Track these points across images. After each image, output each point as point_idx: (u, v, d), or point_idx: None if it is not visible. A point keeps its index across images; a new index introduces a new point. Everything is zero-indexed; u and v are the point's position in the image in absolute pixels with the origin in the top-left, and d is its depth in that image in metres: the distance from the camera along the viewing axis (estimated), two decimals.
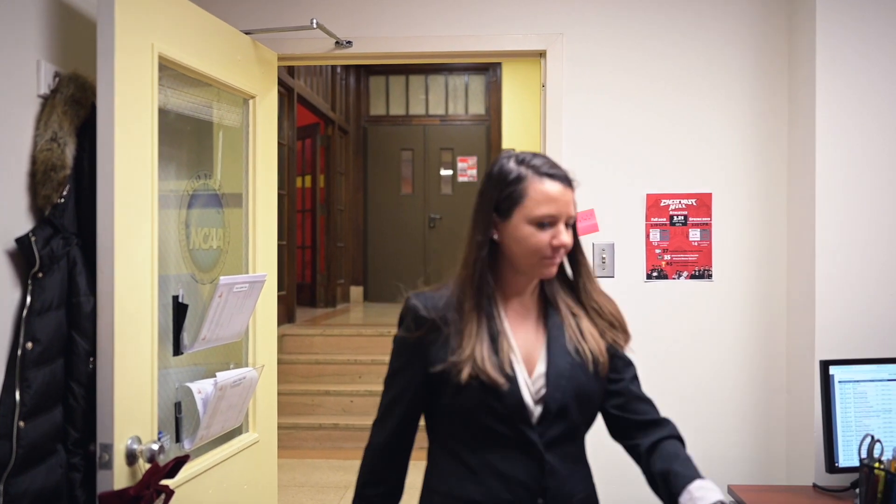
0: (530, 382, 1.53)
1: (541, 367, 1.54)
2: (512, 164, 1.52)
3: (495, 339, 1.52)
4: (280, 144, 6.60)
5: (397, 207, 9.02)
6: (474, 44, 2.91)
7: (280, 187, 6.65)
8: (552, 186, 1.49)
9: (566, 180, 1.52)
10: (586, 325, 1.58)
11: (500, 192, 1.52)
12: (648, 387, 3.06)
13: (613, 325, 1.61)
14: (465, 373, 1.47)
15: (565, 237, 1.50)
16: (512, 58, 3.07)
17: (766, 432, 2.89)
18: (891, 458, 2.18)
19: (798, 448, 2.76)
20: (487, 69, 8.87)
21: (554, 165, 1.52)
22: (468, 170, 8.89)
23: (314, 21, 2.71)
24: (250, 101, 2.62)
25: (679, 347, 2.90)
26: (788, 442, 2.85)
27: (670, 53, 2.91)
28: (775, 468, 2.88)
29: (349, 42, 2.92)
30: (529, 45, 2.90)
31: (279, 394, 2.99)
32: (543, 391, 1.52)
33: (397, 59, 3.09)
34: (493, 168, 1.56)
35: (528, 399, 1.51)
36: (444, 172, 8.98)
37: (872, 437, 2.22)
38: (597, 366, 1.55)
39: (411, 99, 9.11)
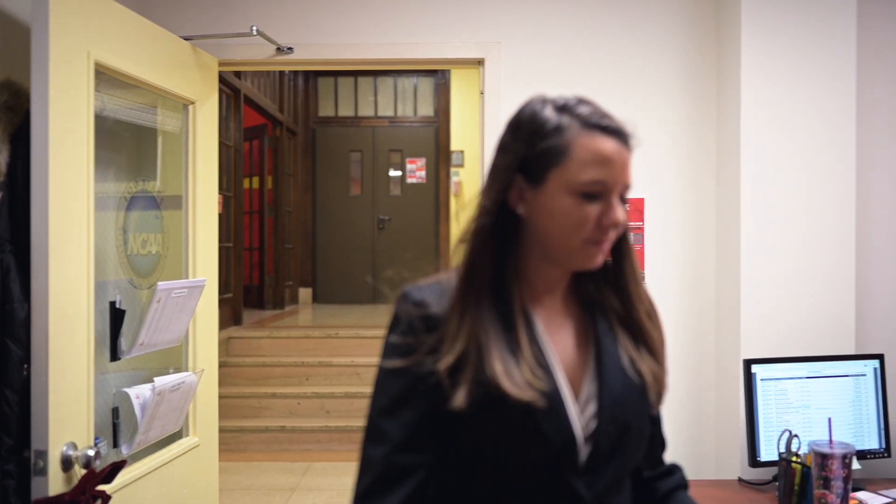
0: (577, 409, 1.11)
1: (589, 388, 1.14)
2: (549, 111, 1.11)
3: (514, 342, 1.09)
4: (227, 146, 6.58)
5: (346, 209, 9.02)
6: (414, 51, 2.96)
7: (227, 189, 6.63)
8: (605, 143, 1.10)
9: (623, 136, 1.13)
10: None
11: (531, 146, 1.10)
12: None
13: (653, 350, 1.22)
14: (462, 394, 1.04)
15: (620, 213, 1.09)
16: (451, 66, 3.13)
17: (696, 429, 3.00)
18: (807, 452, 2.29)
19: (726, 443, 2.88)
20: (436, 71, 8.93)
21: (606, 115, 1.13)
22: (417, 171, 8.94)
23: (254, 28, 2.74)
24: (190, 107, 2.63)
25: None
26: (717, 438, 2.96)
27: (604, 62, 3.00)
28: (705, 463, 2.99)
29: (290, 48, 2.95)
30: (468, 53, 2.96)
31: (225, 397, 3.00)
32: (594, 423, 1.11)
33: (338, 66, 3.13)
34: (521, 113, 1.14)
35: (578, 433, 1.10)
36: (393, 174, 9.01)
37: (790, 433, 2.33)
38: (650, 394, 1.19)
39: (360, 100, 9.13)
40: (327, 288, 9.01)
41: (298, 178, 8.85)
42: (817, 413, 2.52)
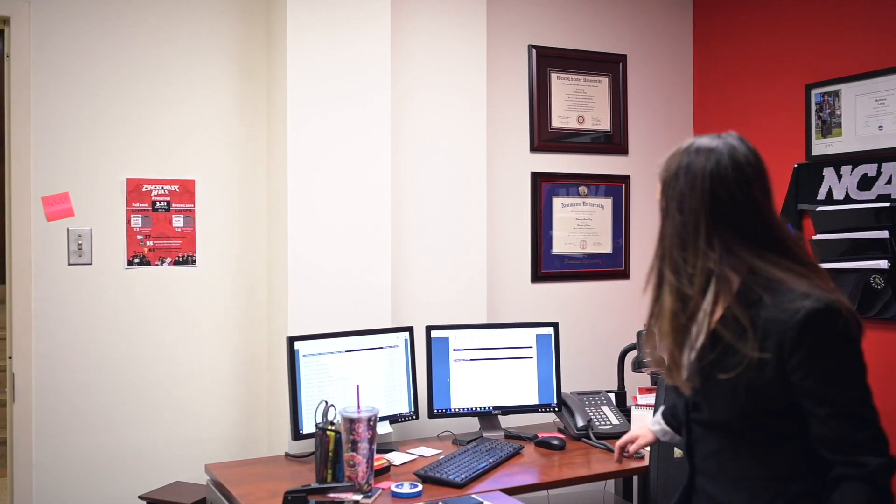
0: None
1: None
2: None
3: None
4: None
5: None
6: None
7: None
8: None
9: None
10: None
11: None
12: (132, 376, 3.00)
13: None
14: None
15: None
16: None
17: (249, 409, 3.02)
18: (340, 420, 2.43)
19: (277, 421, 2.95)
20: None
21: None
22: None
23: None
24: None
25: (165, 333, 2.89)
26: (269, 416, 3.02)
27: (155, 37, 2.86)
28: (258, 443, 3.03)
29: None
30: None
31: None
32: None
33: None
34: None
35: None
36: None
37: (326, 403, 2.46)
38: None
39: None
40: None
41: None
42: (356, 384, 2.70)
